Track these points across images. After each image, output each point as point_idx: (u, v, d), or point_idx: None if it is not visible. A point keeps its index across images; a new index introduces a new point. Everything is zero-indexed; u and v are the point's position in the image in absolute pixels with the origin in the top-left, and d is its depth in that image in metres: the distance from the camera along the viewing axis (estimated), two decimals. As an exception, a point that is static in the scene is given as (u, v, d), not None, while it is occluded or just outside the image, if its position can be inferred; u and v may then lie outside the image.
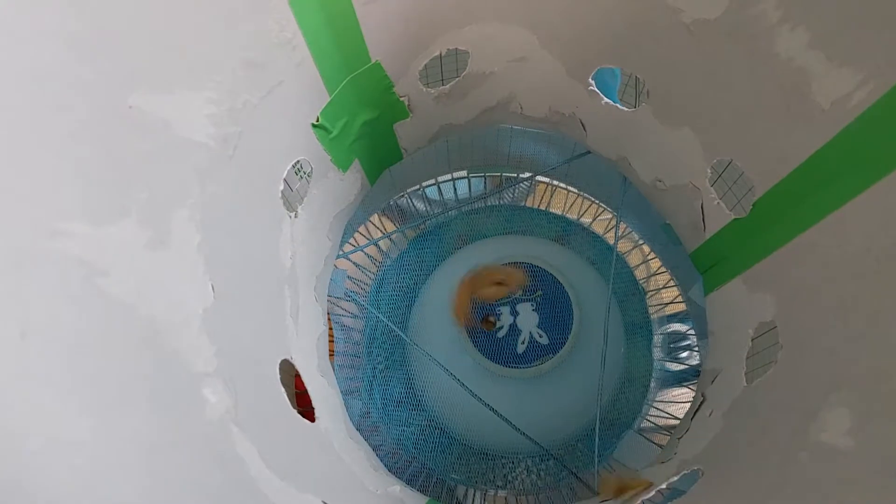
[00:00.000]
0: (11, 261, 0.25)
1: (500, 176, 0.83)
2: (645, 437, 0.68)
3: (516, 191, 0.93)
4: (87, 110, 0.30)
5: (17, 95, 0.27)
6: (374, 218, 0.78)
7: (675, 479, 0.47)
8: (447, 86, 0.56)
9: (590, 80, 0.54)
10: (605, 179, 0.67)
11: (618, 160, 0.61)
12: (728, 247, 0.53)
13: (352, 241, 0.73)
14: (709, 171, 0.51)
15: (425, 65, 0.53)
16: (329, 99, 0.48)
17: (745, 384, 0.47)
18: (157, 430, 0.31)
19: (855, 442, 0.34)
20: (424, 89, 0.55)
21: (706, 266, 0.57)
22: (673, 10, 0.45)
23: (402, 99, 0.55)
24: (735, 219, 0.50)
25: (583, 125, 0.60)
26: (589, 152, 0.64)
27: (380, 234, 0.79)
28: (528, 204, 0.85)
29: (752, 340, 0.48)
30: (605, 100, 0.55)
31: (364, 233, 0.77)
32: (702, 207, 0.54)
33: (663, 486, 0.47)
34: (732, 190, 0.51)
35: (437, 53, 0.52)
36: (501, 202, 0.85)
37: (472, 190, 0.84)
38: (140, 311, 0.32)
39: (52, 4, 0.28)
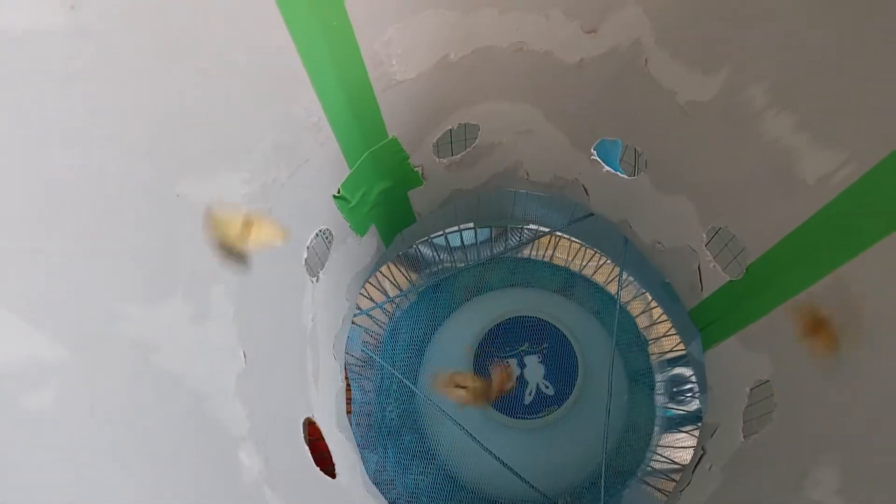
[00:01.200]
0: (82, 345, 0.28)
1: (505, 227, 0.87)
2: (650, 486, 0.71)
3: (521, 239, 0.97)
4: (142, 203, 0.33)
5: (85, 194, 0.30)
6: (385, 270, 0.82)
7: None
8: (458, 155, 0.59)
9: (592, 150, 0.58)
10: (607, 239, 0.70)
11: (619, 223, 0.65)
12: (724, 307, 0.56)
13: (362, 291, 0.76)
14: (704, 235, 0.54)
15: (438, 137, 0.56)
16: (349, 172, 0.52)
17: (743, 439, 0.50)
18: (202, 494, 0.34)
19: (844, 501, 0.36)
20: (437, 159, 0.59)
21: (704, 324, 0.60)
22: (668, 91, 0.48)
23: (416, 169, 0.58)
24: (730, 281, 0.53)
25: (585, 190, 0.63)
26: (592, 214, 0.67)
27: (389, 283, 0.83)
28: (531, 254, 0.89)
29: (749, 397, 0.51)
30: (607, 168, 0.58)
31: (374, 282, 0.80)
32: (699, 269, 0.57)
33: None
34: (727, 253, 0.54)
35: (449, 127, 0.56)
36: (506, 253, 0.88)
37: (477, 238, 0.88)
38: (186, 382, 0.35)
39: (113, 113, 0.31)
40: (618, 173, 0.59)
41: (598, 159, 0.58)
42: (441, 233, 0.83)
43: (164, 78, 0.33)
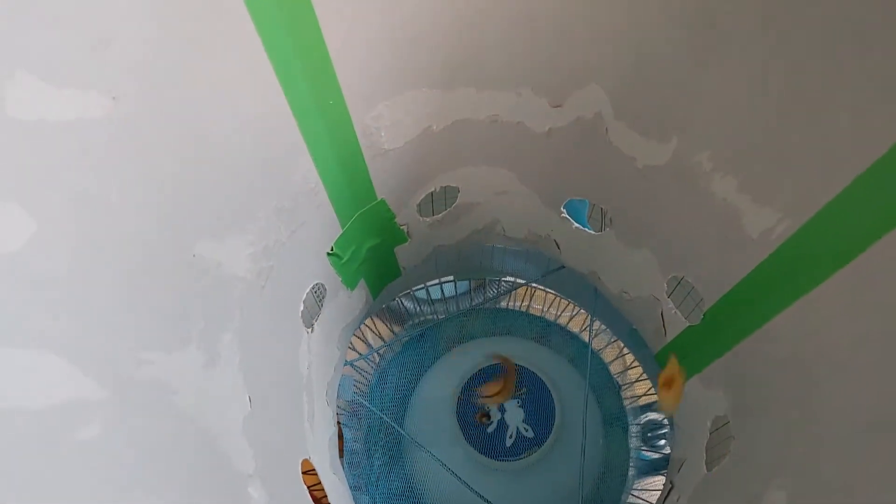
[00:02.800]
0: (118, 386, 0.33)
1: (484, 279, 0.92)
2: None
3: (498, 291, 1.02)
4: (164, 263, 0.38)
5: (118, 256, 0.34)
6: (368, 320, 0.86)
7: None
8: (440, 215, 0.65)
9: (562, 208, 0.63)
10: (579, 289, 0.75)
11: (588, 274, 0.70)
12: (685, 349, 0.61)
13: (351, 342, 0.80)
14: (665, 284, 0.60)
15: (422, 199, 0.62)
16: (342, 231, 0.57)
17: (706, 472, 0.54)
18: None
19: (789, 519, 0.41)
20: (421, 218, 0.64)
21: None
22: (628, 157, 0.54)
23: (402, 227, 0.64)
24: (689, 325, 0.58)
25: (557, 245, 0.69)
26: (563, 267, 0.72)
27: (372, 334, 0.87)
28: (509, 304, 0.94)
29: (710, 432, 0.56)
30: (576, 224, 0.64)
31: (358, 335, 0.84)
32: (662, 315, 0.62)
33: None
34: (688, 301, 0.59)
35: (432, 189, 0.61)
36: (485, 304, 0.93)
37: (457, 290, 0.92)
38: (199, 422, 0.39)
39: (141, 187, 0.36)
40: (586, 229, 0.64)
41: (568, 217, 0.64)
42: (423, 286, 0.88)
43: (182, 157, 0.38)
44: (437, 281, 0.88)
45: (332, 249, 0.57)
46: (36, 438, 0.26)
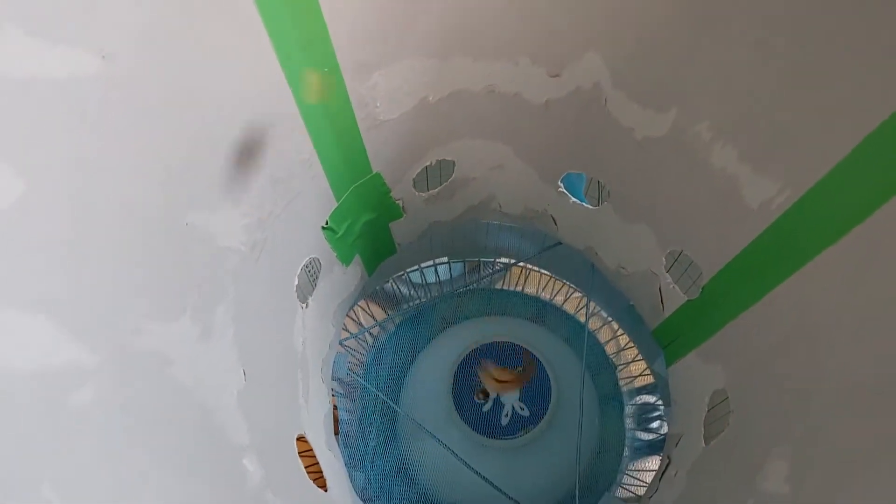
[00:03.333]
0: (113, 353, 0.32)
1: (478, 261, 0.91)
2: (618, 499, 0.74)
3: (493, 272, 1.01)
4: (158, 231, 0.37)
5: (113, 222, 0.34)
6: (362, 302, 0.85)
7: (647, 532, 0.53)
8: (436, 189, 0.64)
9: (559, 182, 0.63)
10: (575, 266, 0.75)
11: (585, 250, 0.70)
12: (683, 325, 0.60)
13: (345, 323, 0.79)
14: (664, 259, 0.59)
15: (417, 173, 0.61)
16: (336, 205, 0.56)
17: (704, 445, 0.54)
18: (215, 495, 0.37)
19: (790, 487, 0.41)
20: (416, 193, 0.63)
21: (666, 342, 0.65)
22: (626, 129, 0.54)
23: (397, 202, 0.63)
24: (688, 300, 0.58)
25: (554, 220, 0.68)
26: (560, 243, 0.72)
27: (367, 317, 0.86)
28: (504, 285, 0.93)
29: (708, 406, 0.55)
30: (573, 199, 0.63)
31: (353, 316, 0.83)
32: (660, 290, 0.62)
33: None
34: (686, 275, 0.59)
35: (428, 163, 0.60)
36: (480, 285, 0.93)
37: (452, 272, 0.92)
38: (195, 394, 0.39)
39: (135, 151, 0.35)
40: (583, 204, 0.64)
41: (565, 191, 0.63)
42: (417, 267, 0.87)
43: (176, 121, 0.37)
44: (431, 262, 0.87)
45: (326, 223, 0.56)
46: (26, 400, 0.25)
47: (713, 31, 0.44)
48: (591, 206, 0.64)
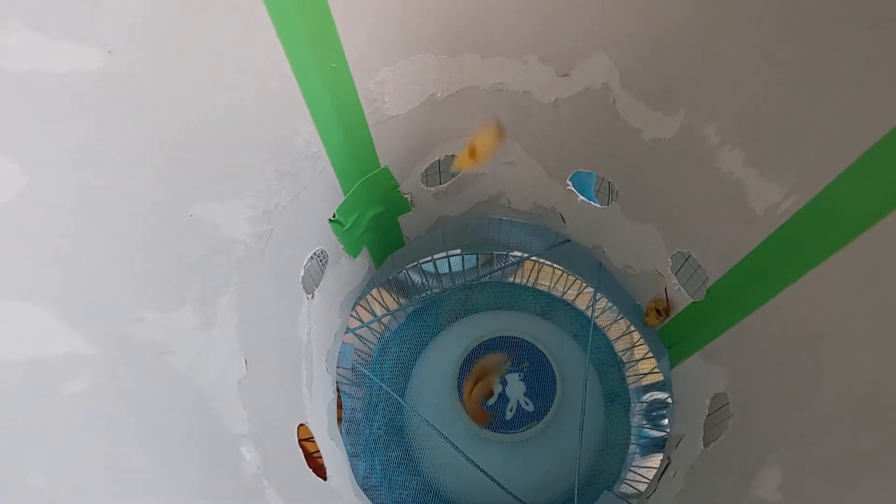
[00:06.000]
0: (109, 343, 0.33)
1: (491, 254, 0.91)
2: (619, 496, 0.74)
3: (505, 265, 1.01)
4: (161, 222, 0.38)
5: (114, 213, 0.34)
6: (376, 293, 0.86)
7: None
8: (444, 185, 0.64)
9: (567, 180, 0.63)
10: (583, 264, 0.75)
11: (593, 248, 0.70)
12: (688, 326, 0.60)
13: (353, 313, 0.80)
14: (670, 260, 0.59)
15: (426, 168, 0.61)
16: (344, 198, 0.57)
17: (703, 447, 0.54)
18: (210, 478, 0.38)
19: (782, 495, 0.41)
20: (425, 188, 0.63)
21: (671, 342, 0.65)
22: (634, 129, 0.53)
23: (405, 196, 0.63)
24: (693, 302, 0.58)
25: (562, 218, 0.68)
26: (568, 240, 0.72)
27: (379, 306, 0.87)
28: (515, 279, 0.93)
29: (709, 409, 0.55)
30: (581, 197, 0.63)
31: (364, 305, 0.84)
32: (665, 291, 0.61)
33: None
34: (694, 277, 0.59)
35: (436, 159, 0.61)
36: (491, 279, 0.93)
37: (464, 265, 0.92)
38: (194, 382, 0.40)
39: (139, 143, 0.35)
40: (592, 202, 0.63)
41: (574, 189, 0.63)
42: (430, 258, 0.88)
43: (182, 114, 0.38)
44: (444, 254, 0.88)
45: (334, 216, 0.57)
46: (20, 389, 0.26)
47: (724, 34, 0.44)
48: (599, 206, 0.64)
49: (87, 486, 0.29)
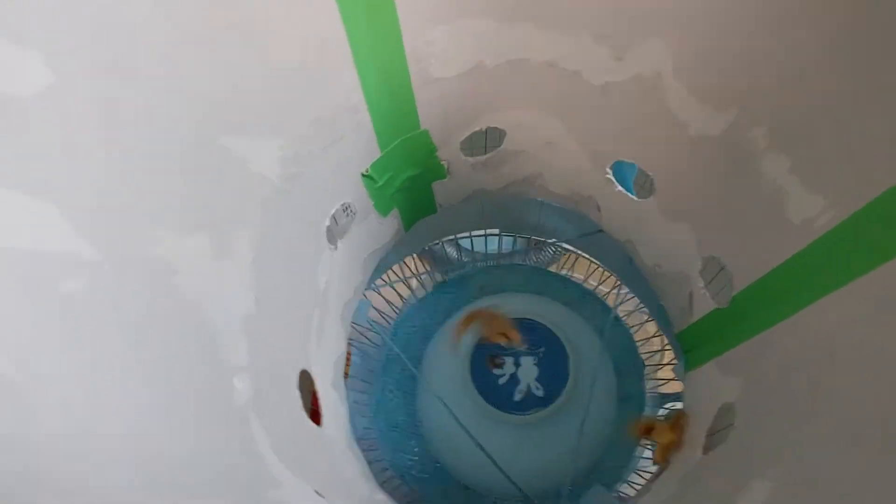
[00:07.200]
0: (113, 251, 0.33)
1: (530, 238, 0.91)
2: (610, 492, 0.74)
3: (544, 255, 1.01)
4: (186, 145, 0.38)
5: (144, 127, 0.35)
6: (409, 260, 0.86)
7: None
8: (483, 157, 0.64)
9: (608, 169, 0.61)
10: (614, 258, 0.74)
11: (625, 242, 0.68)
12: (708, 333, 0.59)
13: (385, 277, 0.81)
14: (700, 263, 0.57)
15: (467, 137, 0.61)
16: (380, 155, 0.57)
17: (702, 455, 0.53)
18: (196, 402, 0.38)
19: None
20: (463, 157, 0.63)
21: (688, 347, 0.63)
22: (682, 123, 0.52)
23: (442, 163, 0.63)
24: (716, 308, 0.57)
25: (598, 207, 0.67)
26: (601, 230, 0.71)
27: (409, 270, 0.87)
28: (550, 268, 0.93)
29: (714, 418, 0.54)
30: (619, 187, 0.62)
31: (397, 271, 0.84)
32: (690, 295, 0.60)
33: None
34: (718, 279, 0.57)
35: (478, 129, 0.60)
36: (527, 262, 0.92)
37: (501, 247, 0.92)
38: (198, 309, 0.40)
39: (176, 66, 0.36)
40: (629, 194, 0.62)
41: (613, 179, 0.62)
42: (468, 234, 0.87)
43: (225, 45, 0.38)
44: (482, 232, 0.87)
45: (367, 171, 0.57)
46: (11, 277, 0.27)
47: (786, 33, 0.42)
48: (636, 198, 0.62)
49: (65, 389, 0.29)
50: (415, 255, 0.87)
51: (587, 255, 0.86)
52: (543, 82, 0.55)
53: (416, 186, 0.64)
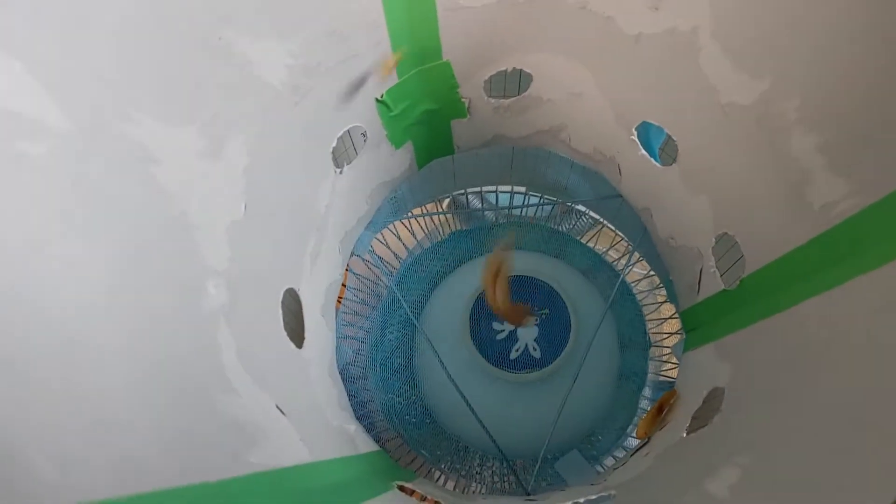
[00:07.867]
0: (85, 123, 0.32)
1: (558, 200, 0.88)
2: (591, 463, 0.72)
3: (569, 221, 0.98)
4: (183, 30, 0.37)
5: (135, 10, 0.34)
6: (433, 206, 0.84)
7: (593, 497, 0.51)
8: (507, 101, 0.61)
9: (633, 129, 0.58)
10: (628, 225, 0.71)
11: (642, 210, 0.66)
12: (712, 313, 0.56)
13: (401, 218, 0.79)
14: (713, 239, 0.55)
15: (491, 76, 0.58)
16: (397, 81, 0.55)
17: (684, 435, 0.51)
18: (162, 302, 0.37)
19: (730, 494, 0.38)
20: (486, 98, 0.61)
21: (690, 326, 0.61)
22: (713, 88, 0.49)
23: (463, 100, 0.61)
24: (724, 290, 0.54)
25: (619, 170, 0.64)
26: (620, 195, 0.68)
27: (427, 219, 0.85)
28: (570, 230, 0.90)
29: (703, 401, 0.52)
30: (642, 151, 0.59)
31: (416, 212, 0.83)
32: (700, 272, 0.57)
33: (581, 500, 0.52)
34: (727, 257, 0.54)
35: (503, 69, 0.58)
36: (546, 223, 0.90)
37: (527, 206, 0.89)
38: (177, 202, 0.39)
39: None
40: (652, 160, 0.59)
41: (637, 140, 0.59)
42: (493, 189, 0.85)
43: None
44: (509, 188, 0.85)
45: (381, 97, 0.55)
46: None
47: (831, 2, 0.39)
48: (658, 164, 0.59)
49: (16, 259, 0.28)
50: (437, 199, 0.85)
51: (611, 227, 0.83)
52: (575, 25, 0.52)
53: (434, 122, 0.62)
